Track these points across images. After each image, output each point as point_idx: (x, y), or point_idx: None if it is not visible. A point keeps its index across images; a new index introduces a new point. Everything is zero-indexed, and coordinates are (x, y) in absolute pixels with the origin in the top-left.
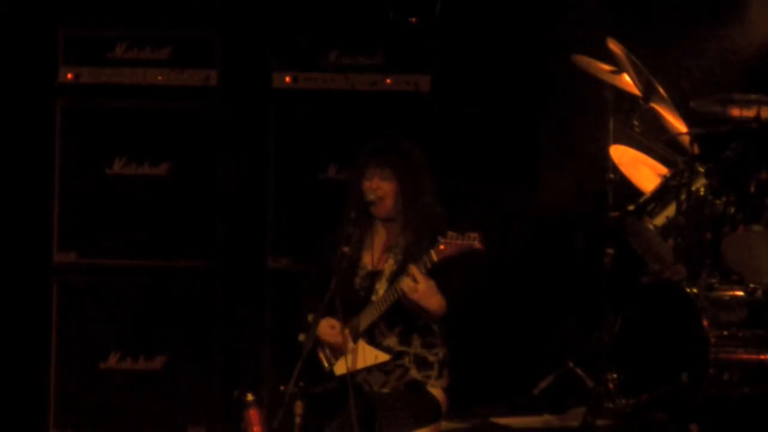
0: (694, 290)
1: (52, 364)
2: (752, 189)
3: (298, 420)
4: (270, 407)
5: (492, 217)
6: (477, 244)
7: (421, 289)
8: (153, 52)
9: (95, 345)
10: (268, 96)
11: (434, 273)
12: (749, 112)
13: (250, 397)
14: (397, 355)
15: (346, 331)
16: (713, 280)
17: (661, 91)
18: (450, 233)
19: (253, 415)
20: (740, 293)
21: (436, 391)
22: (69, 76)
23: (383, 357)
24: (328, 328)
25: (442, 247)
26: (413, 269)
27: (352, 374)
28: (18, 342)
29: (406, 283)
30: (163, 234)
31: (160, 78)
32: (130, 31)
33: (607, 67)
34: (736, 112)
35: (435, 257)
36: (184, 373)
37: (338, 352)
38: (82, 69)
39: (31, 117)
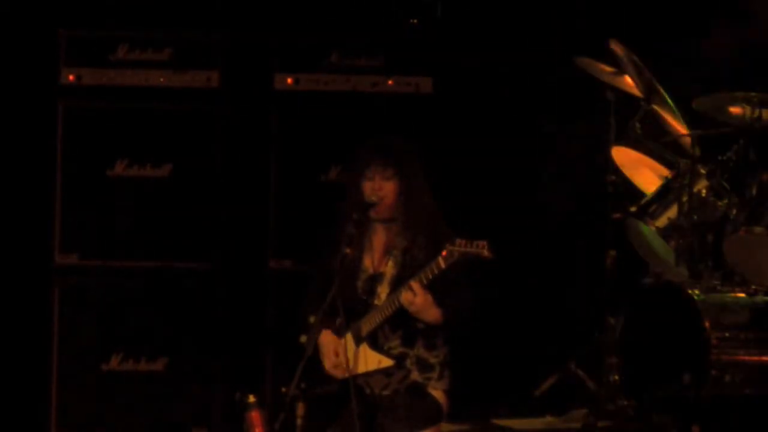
0: (696, 292)
1: (53, 365)
2: (754, 190)
3: (299, 422)
4: (272, 409)
5: (492, 219)
6: (485, 253)
7: (419, 303)
8: (154, 53)
9: (97, 346)
10: (270, 97)
11: (436, 285)
12: (750, 112)
13: (252, 398)
14: (399, 358)
15: (348, 336)
16: (715, 282)
17: (663, 92)
18: (458, 240)
19: (255, 416)
20: (742, 295)
21: (437, 392)
22: (70, 77)
23: (387, 362)
24: (334, 355)
25: (447, 254)
26: (413, 283)
27: (354, 377)
28: (20, 344)
29: (404, 297)
30: (165, 235)
31: (161, 79)
32: (131, 33)
33: (608, 68)
34: (737, 111)
35: (443, 264)
36: (186, 374)
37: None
38: (83, 70)
39: (32, 118)
